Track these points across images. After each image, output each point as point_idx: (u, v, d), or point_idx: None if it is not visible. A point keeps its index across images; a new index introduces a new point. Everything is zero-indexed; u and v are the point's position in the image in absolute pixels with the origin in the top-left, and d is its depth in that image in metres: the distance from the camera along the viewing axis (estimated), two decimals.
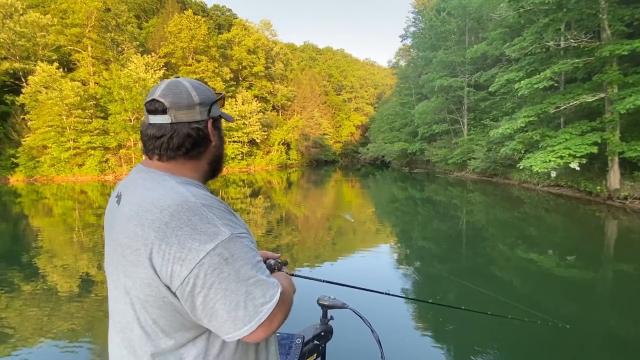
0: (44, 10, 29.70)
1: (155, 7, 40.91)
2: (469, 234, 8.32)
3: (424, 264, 5.98)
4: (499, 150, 15.17)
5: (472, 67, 22.48)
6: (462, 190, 16.21)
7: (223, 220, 0.68)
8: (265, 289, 0.67)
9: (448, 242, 7.49)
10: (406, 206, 12.96)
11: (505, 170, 17.56)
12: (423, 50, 27.48)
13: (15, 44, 26.11)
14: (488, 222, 9.47)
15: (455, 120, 25.24)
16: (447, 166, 24.65)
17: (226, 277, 0.64)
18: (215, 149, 0.85)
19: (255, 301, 0.65)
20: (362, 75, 65.95)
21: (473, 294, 4.40)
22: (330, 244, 7.55)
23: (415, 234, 8.40)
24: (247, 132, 35.16)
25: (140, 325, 0.69)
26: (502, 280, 5.22)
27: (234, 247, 0.66)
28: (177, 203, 0.67)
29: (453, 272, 5.51)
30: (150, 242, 0.65)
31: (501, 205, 12.01)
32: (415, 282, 5.01)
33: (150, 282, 0.66)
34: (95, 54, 29.40)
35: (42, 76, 24.73)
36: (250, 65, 40.31)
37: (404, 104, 34.82)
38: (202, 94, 0.80)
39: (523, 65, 12.46)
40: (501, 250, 6.70)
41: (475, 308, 1.99)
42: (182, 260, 0.63)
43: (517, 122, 11.77)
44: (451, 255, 6.53)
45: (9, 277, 5.42)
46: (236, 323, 0.65)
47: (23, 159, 25.70)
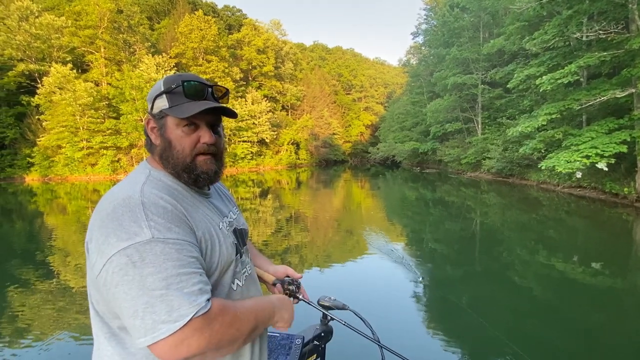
0: (59, 12, 30.29)
1: (166, 8, 41.33)
2: (483, 236, 7.95)
3: (435, 266, 5.68)
4: (517, 150, 14.57)
5: (487, 64, 21.82)
6: (476, 191, 15.72)
7: (152, 222, 0.64)
8: (175, 306, 0.59)
9: (461, 244, 7.16)
10: (417, 207, 12.61)
11: (522, 171, 16.94)
12: (435, 48, 26.90)
13: (30, 46, 26.67)
14: (504, 225, 9.06)
15: (468, 118, 24.60)
16: (460, 166, 24.05)
17: (130, 280, 0.60)
18: (158, 148, 0.79)
19: (154, 316, 0.59)
20: (372, 75, 65.44)
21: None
22: (338, 244, 7.32)
23: (426, 236, 8.08)
24: (256, 131, 35.18)
25: (91, 302, 0.73)
26: (519, 286, 4.88)
27: (149, 251, 0.61)
28: (123, 197, 0.67)
29: (465, 276, 5.21)
30: (92, 229, 0.67)
31: (518, 207, 11.53)
32: (424, 287, 4.72)
33: (90, 266, 0.68)
34: (107, 55, 29.82)
35: (57, 77, 25.18)
36: (260, 65, 40.36)
37: (415, 102, 34.27)
38: (151, 90, 0.79)
39: (544, 60, 11.89)
40: (518, 254, 6.34)
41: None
42: (101, 252, 0.64)
43: (538, 119, 11.23)
44: (464, 258, 6.21)
45: (25, 274, 5.48)
46: (134, 331, 0.61)
47: (38, 158, 26.25)
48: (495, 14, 21.14)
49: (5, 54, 26.07)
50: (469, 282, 5.00)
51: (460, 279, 5.15)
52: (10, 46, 25.98)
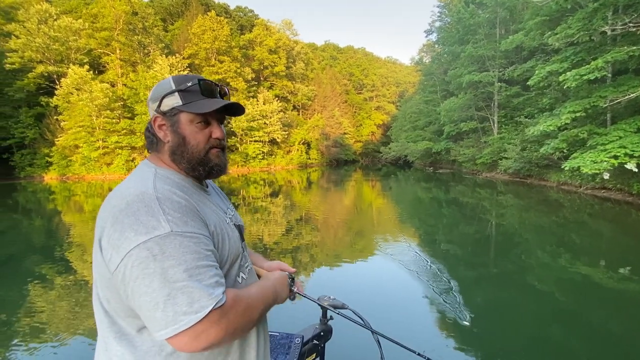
0: (77, 15, 31.04)
1: (180, 10, 41.89)
2: (499, 238, 7.66)
3: (448, 269, 5.46)
4: (537, 150, 14.04)
5: (504, 61, 21.22)
6: (492, 192, 15.28)
7: (169, 216, 0.66)
8: (195, 298, 0.61)
9: (475, 246, 6.89)
10: (430, 208, 12.32)
11: (541, 171, 16.35)
12: (450, 45, 26.36)
13: (49, 48, 27.38)
14: (521, 227, 8.73)
15: (484, 117, 24.00)
16: (475, 166, 23.47)
17: (151, 273, 0.61)
18: (169, 146, 0.80)
19: (176, 307, 0.61)
20: (384, 74, 64.87)
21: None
22: (347, 245, 7.17)
23: (439, 237, 7.85)
24: (268, 131, 35.29)
25: (100, 302, 0.72)
26: (540, 291, 4.64)
27: (169, 244, 0.63)
28: (136, 193, 0.68)
29: (480, 278, 5.00)
30: (104, 225, 0.68)
31: (537, 209, 11.12)
32: (434, 290, 4.53)
33: (101, 262, 0.68)
34: (123, 57, 30.40)
35: (74, 78, 25.80)
36: (271, 65, 40.48)
37: (428, 101, 33.73)
38: (156, 89, 0.80)
39: (567, 56, 11.38)
40: (538, 258, 6.06)
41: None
42: (117, 247, 0.64)
43: (561, 118, 10.77)
44: (479, 260, 5.97)
45: (43, 270, 5.55)
46: (154, 324, 0.62)
47: (56, 157, 26.97)
48: (513, 9, 20.54)
49: (25, 56, 26.84)
50: (484, 286, 4.78)
51: (475, 282, 4.94)
52: (30, 48, 26.74)
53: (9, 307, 4.26)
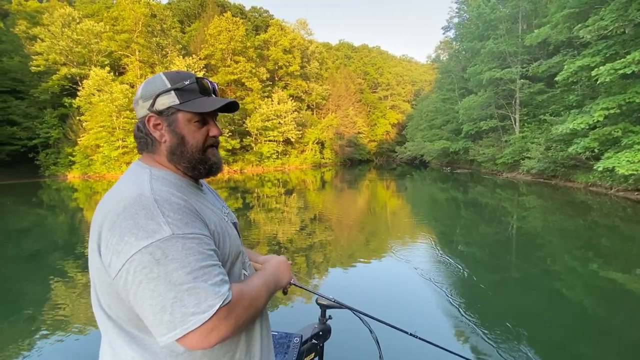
0: (98, 18, 31.98)
1: (197, 11, 42.55)
2: (521, 241, 7.29)
3: (465, 272, 5.20)
4: (563, 149, 13.37)
5: (527, 57, 20.38)
6: (513, 193, 14.72)
7: (169, 218, 0.65)
8: (202, 298, 0.62)
9: (495, 248, 6.58)
10: (447, 208, 11.96)
11: (567, 172, 15.56)
12: (469, 41, 25.61)
13: (72, 51, 28.30)
14: (545, 230, 8.30)
15: (504, 116, 23.18)
16: (494, 166, 22.72)
17: (155, 277, 0.61)
18: (167, 146, 0.79)
19: (184, 309, 0.61)
20: (399, 72, 64.05)
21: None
22: (360, 245, 6.98)
23: (457, 238, 7.56)
24: (282, 131, 35.39)
25: (102, 307, 0.71)
26: (565, 297, 4.34)
27: (171, 247, 0.62)
28: (133, 196, 0.67)
29: (501, 283, 4.75)
30: (100, 231, 0.67)
31: (562, 211, 10.59)
32: (450, 295, 4.29)
33: (100, 268, 0.67)
34: (142, 58, 31.10)
35: (95, 80, 26.56)
36: (286, 65, 40.57)
37: (445, 99, 32.96)
38: (149, 86, 0.77)
39: (600, 49, 10.75)
40: (563, 262, 5.71)
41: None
42: (118, 253, 0.63)
43: (593, 115, 10.19)
44: (499, 263, 5.68)
45: (65, 267, 5.65)
46: (161, 328, 0.62)
47: (79, 157, 27.87)
48: (538, 3, 19.68)
49: (50, 58, 27.83)
50: (505, 291, 4.51)
51: (495, 286, 4.67)
52: (54, 51, 27.71)
53: (35, 301, 4.41)
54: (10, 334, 3.54)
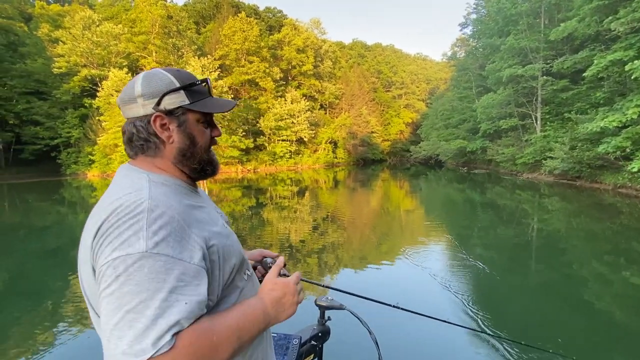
0: (117, 21, 32.81)
1: (212, 12, 43.10)
2: (543, 244, 6.95)
3: (481, 278, 4.97)
4: (590, 148, 12.73)
5: (549, 53, 19.61)
6: (534, 195, 14.19)
7: (151, 232, 0.58)
8: (139, 338, 0.52)
9: (515, 251, 6.29)
10: (464, 209, 11.62)
11: (593, 172, 14.81)
12: (489, 37, 24.88)
13: (92, 53, 29.12)
14: (570, 233, 7.91)
15: (525, 114, 22.39)
16: (514, 167, 21.97)
17: (109, 294, 0.55)
18: (175, 147, 0.74)
19: (118, 341, 0.53)
20: (413, 70, 63.18)
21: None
22: (374, 245, 6.80)
23: (474, 241, 7.29)
24: (295, 130, 35.43)
25: (98, 316, 0.63)
26: (590, 304, 4.06)
27: (136, 266, 0.55)
28: (127, 205, 0.61)
29: (520, 289, 4.50)
30: (92, 238, 0.62)
31: (588, 214, 10.10)
32: (465, 302, 4.07)
33: (90, 277, 0.64)
34: (158, 59, 31.70)
35: (114, 81, 27.22)
36: (299, 64, 40.60)
37: (462, 98, 32.24)
38: (150, 84, 0.72)
39: (633, 43, 10.18)
40: (591, 268, 5.39)
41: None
42: (96, 262, 0.60)
43: (627, 112, 9.66)
44: (518, 268, 5.41)
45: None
46: (103, 344, 0.56)
47: (98, 156, 28.64)
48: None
49: (71, 60, 28.71)
50: (525, 298, 4.25)
51: (513, 293, 4.42)
52: (75, 53, 28.57)
53: (56, 294, 4.53)
54: (33, 325, 3.66)
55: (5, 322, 3.77)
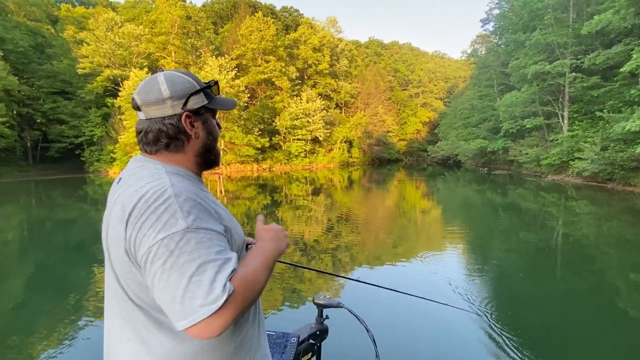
0: (138, 22, 33.63)
1: (229, 13, 43.57)
2: (568, 249, 6.57)
3: (498, 284, 4.69)
4: (624, 149, 11.93)
5: (578, 48, 18.66)
6: (560, 197, 13.54)
7: (185, 212, 0.69)
8: (210, 290, 0.65)
9: (536, 256, 5.96)
10: (483, 211, 11.20)
11: (626, 175, 13.90)
12: (513, 33, 23.87)
13: (115, 53, 29.96)
14: (600, 239, 7.43)
15: (550, 113, 21.39)
16: (538, 168, 21.09)
17: (168, 268, 0.65)
18: (199, 142, 0.85)
19: (193, 301, 0.64)
20: (431, 69, 61.89)
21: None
22: (389, 247, 6.58)
23: (494, 245, 6.96)
24: (310, 129, 35.35)
25: (130, 299, 0.74)
26: (626, 315, 3.71)
27: (184, 241, 0.66)
28: (153, 192, 0.70)
29: (544, 299, 4.17)
30: (125, 225, 0.70)
31: (621, 219, 9.51)
32: (483, 314, 3.81)
33: (126, 260, 0.72)
34: (177, 59, 32.30)
35: (135, 81, 27.87)
36: (315, 63, 40.50)
37: (483, 96, 31.22)
38: (175, 86, 0.80)
39: None
40: (622, 276, 5.00)
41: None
42: (139, 245, 0.68)
43: None
44: (541, 275, 5.09)
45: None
46: (173, 316, 0.66)
47: (119, 154, 29.46)
48: None
49: (95, 61, 29.64)
50: (551, 310, 3.94)
51: (535, 301, 4.11)
52: (98, 54, 29.48)
53: (79, 287, 4.66)
54: (58, 316, 3.76)
55: (32, 313, 3.87)
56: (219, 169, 30.68)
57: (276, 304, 3.92)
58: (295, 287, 4.60)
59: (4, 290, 4.64)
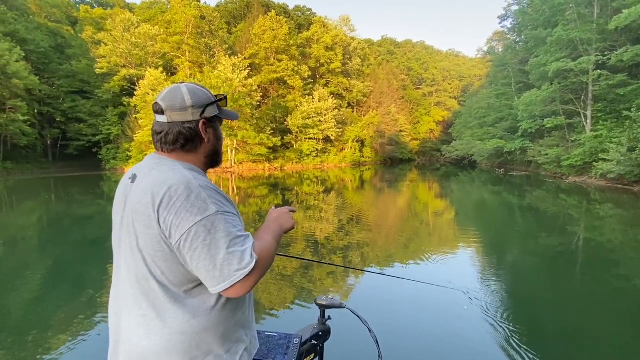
0: (154, 22, 34.19)
1: (243, 12, 43.85)
2: (590, 254, 6.27)
3: (516, 283, 4.44)
4: None
5: (603, 45, 17.84)
6: (582, 200, 13.01)
7: (212, 199, 0.84)
8: (242, 258, 0.82)
9: (555, 260, 5.71)
10: (499, 213, 10.84)
11: None
12: (534, 29, 22.99)
13: (131, 54, 30.54)
14: (626, 244, 7.04)
15: (572, 112, 20.61)
16: (558, 169, 20.35)
17: (208, 243, 0.80)
18: (210, 145, 0.99)
19: (230, 267, 0.80)
20: (446, 67, 60.79)
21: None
22: (399, 248, 6.39)
23: (509, 248, 6.69)
24: (322, 129, 35.22)
25: (154, 276, 0.86)
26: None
27: (217, 221, 0.82)
28: (182, 183, 0.83)
29: (565, 302, 3.90)
30: (156, 210, 0.82)
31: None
32: (498, 322, 3.60)
33: (159, 240, 0.83)
34: (191, 59, 32.69)
35: (150, 80, 28.38)
36: (327, 62, 40.32)
37: (500, 95, 30.32)
38: (196, 97, 0.94)
39: None
40: None
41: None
42: (177, 226, 0.80)
43: None
44: (557, 277, 4.87)
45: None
46: (213, 281, 0.81)
47: (135, 152, 30.04)
48: None
49: (112, 61, 30.29)
50: (568, 315, 3.71)
51: (553, 307, 3.87)
52: (115, 54, 30.11)
53: (95, 283, 4.71)
54: (74, 310, 3.83)
55: (50, 307, 3.97)
56: (232, 168, 30.92)
57: (278, 305, 3.89)
58: (297, 288, 4.53)
59: (24, 284, 4.74)
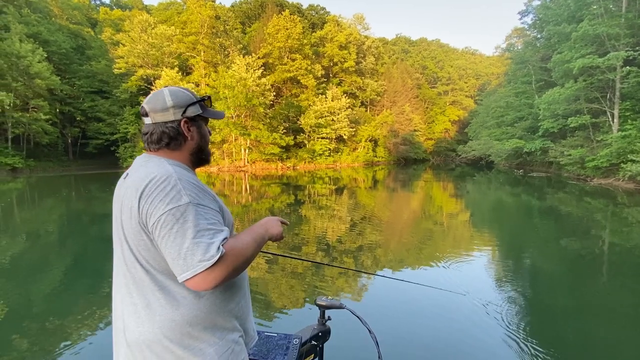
0: (170, 23, 34.74)
1: (257, 12, 44.06)
2: (616, 260, 5.91)
3: (533, 293, 4.15)
4: None
5: (632, 40, 16.89)
6: (608, 203, 12.38)
7: (187, 191, 0.86)
8: (207, 250, 0.81)
9: (578, 266, 5.45)
10: (517, 216, 10.42)
11: None
12: (557, 24, 22.02)
13: (148, 54, 31.09)
14: None
15: (598, 111, 19.69)
16: (582, 170, 19.55)
17: (175, 232, 0.82)
18: (194, 143, 1.03)
19: (194, 257, 0.81)
20: (461, 65, 59.53)
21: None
22: (411, 251, 6.16)
23: (528, 253, 6.36)
24: (335, 128, 34.99)
25: (141, 265, 0.90)
26: None
27: (188, 212, 0.83)
28: (160, 175, 0.88)
29: (584, 311, 3.61)
30: (138, 200, 0.87)
31: None
32: (513, 330, 3.33)
33: (139, 229, 0.88)
34: (206, 59, 33.03)
35: (166, 80, 28.80)
36: (341, 61, 40.05)
37: (519, 93, 29.29)
38: (177, 98, 0.98)
39: None
40: None
41: None
42: (150, 214, 0.85)
43: None
44: (579, 284, 4.62)
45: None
46: (177, 269, 0.82)
47: None
48: None
49: (130, 61, 30.92)
50: (591, 331, 3.42)
51: (574, 317, 3.58)
52: (133, 54, 30.72)
53: (112, 276, 4.76)
54: (91, 305, 3.92)
55: (70, 299, 4.13)
56: (245, 167, 31.10)
57: (278, 306, 3.86)
58: (297, 288, 4.46)
59: (44, 277, 4.85)
